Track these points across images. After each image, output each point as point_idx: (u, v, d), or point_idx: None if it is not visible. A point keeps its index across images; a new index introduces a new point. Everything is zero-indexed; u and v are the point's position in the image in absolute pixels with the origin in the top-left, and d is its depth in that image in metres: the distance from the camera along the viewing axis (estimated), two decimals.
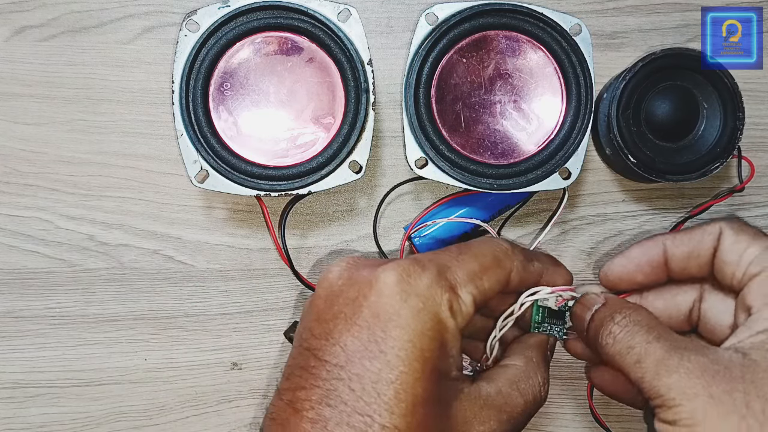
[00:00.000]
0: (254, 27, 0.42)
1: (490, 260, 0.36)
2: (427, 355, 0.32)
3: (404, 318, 0.32)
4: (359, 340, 0.32)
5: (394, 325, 0.32)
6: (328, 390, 0.31)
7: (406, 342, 0.31)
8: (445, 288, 0.33)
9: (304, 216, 0.48)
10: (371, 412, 0.30)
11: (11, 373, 0.48)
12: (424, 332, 0.32)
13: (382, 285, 0.33)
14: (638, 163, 0.43)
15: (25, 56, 0.47)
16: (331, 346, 0.32)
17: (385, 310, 0.32)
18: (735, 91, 0.43)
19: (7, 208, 0.47)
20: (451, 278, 0.34)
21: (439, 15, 0.43)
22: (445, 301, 0.33)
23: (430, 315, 0.32)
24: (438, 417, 0.32)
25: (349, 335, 0.32)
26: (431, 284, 0.33)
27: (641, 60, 0.43)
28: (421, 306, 0.32)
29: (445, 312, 0.33)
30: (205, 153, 0.42)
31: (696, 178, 0.43)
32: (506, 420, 0.34)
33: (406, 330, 0.32)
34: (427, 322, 0.32)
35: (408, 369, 0.31)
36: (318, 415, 0.31)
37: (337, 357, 0.32)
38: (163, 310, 0.48)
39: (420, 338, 0.32)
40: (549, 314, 0.42)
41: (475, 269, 0.35)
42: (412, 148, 0.43)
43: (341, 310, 0.33)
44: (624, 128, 0.43)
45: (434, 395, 0.32)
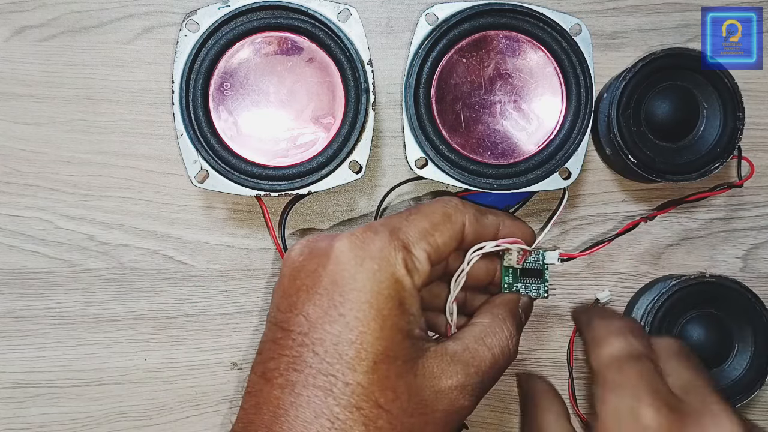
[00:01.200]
0: (254, 27, 0.42)
1: (440, 216, 0.37)
2: (385, 313, 0.33)
3: (360, 281, 0.33)
4: (320, 307, 0.33)
5: (350, 288, 0.33)
6: (294, 357, 0.33)
7: (363, 303, 0.33)
8: (398, 247, 0.34)
9: (304, 216, 0.48)
10: (334, 372, 0.32)
11: (11, 373, 0.48)
12: (381, 292, 0.33)
13: (338, 253, 0.34)
14: (638, 163, 0.43)
15: (25, 56, 0.47)
16: (295, 316, 0.34)
17: (342, 276, 0.33)
18: (735, 91, 0.43)
19: (7, 208, 0.47)
20: (403, 237, 0.35)
21: (439, 15, 0.43)
22: (399, 260, 0.34)
23: (385, 275, 0.34)
24: (402, 373, 0.33)
25: (310, 304, 0.33)
26: (384, 245, 0.34)
27: (641, 60, 0.43)
28: (376, 267, 0.33)
29: (401, 270, 0.34)
30: (205, 153, 0.42)
31: (696, 178, 0.43)
32: (474, 373, 0.35)
33: (362, 292, 0.33)
34: (383, 282, 0.33)
35: (367, 328, 0.32)
36: (286, 380, 0.32)
37: (301, 326, 0.33)
38: (163, 310, 0.48)
39: (377, 298, 0.33)
40: (521, 274, 0.41)
41: (426, 226, 0.36)
42: (412, 148, 0.43)
43: (303, 282, 0.34)
44: (624, 128, 0.43)
45: (396, 353, 0.33)
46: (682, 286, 0.44)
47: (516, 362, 0.43)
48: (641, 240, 0.48)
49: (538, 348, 0.48)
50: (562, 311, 0.48)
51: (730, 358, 0.45)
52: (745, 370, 0.45)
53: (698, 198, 0.45)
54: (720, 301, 0.45)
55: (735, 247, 0.48)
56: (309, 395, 0.32)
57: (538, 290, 0.41)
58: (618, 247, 0.48)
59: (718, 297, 0.45)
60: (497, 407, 0.48)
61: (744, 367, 0.45)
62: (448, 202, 0.38)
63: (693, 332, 0.45)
